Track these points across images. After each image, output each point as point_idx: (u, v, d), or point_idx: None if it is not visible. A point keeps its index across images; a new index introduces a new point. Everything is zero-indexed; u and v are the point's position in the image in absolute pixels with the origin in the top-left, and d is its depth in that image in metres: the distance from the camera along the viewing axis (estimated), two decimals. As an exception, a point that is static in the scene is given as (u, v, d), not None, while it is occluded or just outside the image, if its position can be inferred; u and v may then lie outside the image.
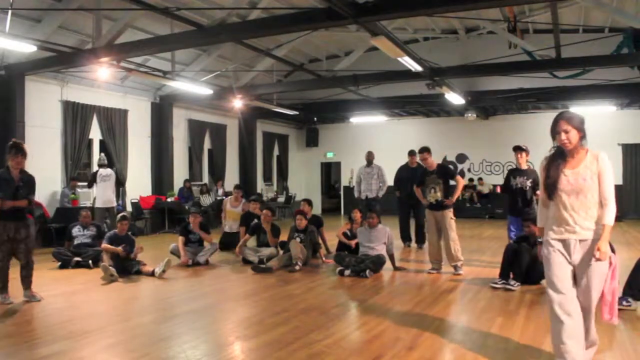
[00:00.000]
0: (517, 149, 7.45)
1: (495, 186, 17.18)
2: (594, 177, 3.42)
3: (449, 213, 7.47)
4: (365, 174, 10.90)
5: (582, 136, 3.48)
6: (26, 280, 5.99)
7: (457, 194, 7.63)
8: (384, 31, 8.20)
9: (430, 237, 7.80)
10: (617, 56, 12.42)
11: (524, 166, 7.47)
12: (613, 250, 3.78)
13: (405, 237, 10.61)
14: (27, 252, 5.96)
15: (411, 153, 10.48)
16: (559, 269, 3.50)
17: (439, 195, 7.48)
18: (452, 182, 7.71)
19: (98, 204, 10.76)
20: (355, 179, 11.24)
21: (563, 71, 13.50)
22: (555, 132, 3.50)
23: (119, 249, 7.68)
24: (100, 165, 10.99)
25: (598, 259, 3.35)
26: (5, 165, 5.93)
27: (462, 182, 7.69)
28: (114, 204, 10.97)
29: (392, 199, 11.08)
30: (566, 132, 3.44)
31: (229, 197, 11.04)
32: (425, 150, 7.73)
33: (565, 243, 3.50)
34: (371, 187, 10.76)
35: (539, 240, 3.76)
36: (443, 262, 7.61)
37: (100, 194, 10.72)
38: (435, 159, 7.85)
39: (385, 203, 11.05)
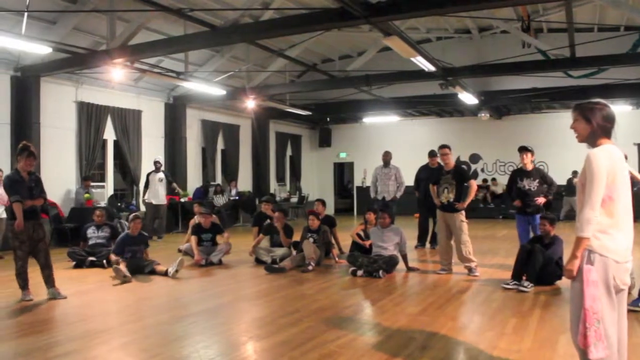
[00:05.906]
0: (523, 150, 7.44)
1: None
2: None
3: (460, 216, 7.36)
4: (382, 174, 10.56)
5: (596, 128, 2.84)
6: (50, 279, 6.11)
7: (470, 198, 7.44)
8: (396, 31, 8.19)
9: (440, 238, 7.74)
10: (632, 55, 12.32)
11: (529, 167, 7.46)
12: None
13: (421, 239, 10.33)
14: (46, 252, 6.09)
15: (431, 154, 10.17)
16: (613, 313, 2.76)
17: (451, 196, 7.39)
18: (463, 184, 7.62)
19: (150, 200, 12.05)
20: (372, 178, 10.89)
21: (577, 70, 13.42)
22: None
23: (120, 260, 7.58)
24: (157, 170, 12.25)
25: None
26: (15, 168, 6.03)
27: (475, 186, 7.57)
28: (164, 202, 12.34)
29: (411, 200, 10.90)
30: (574, 120, 2.95)
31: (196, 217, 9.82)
32: (445, 146, 7.65)
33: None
34: (388, 189, 10.44)
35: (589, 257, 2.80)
36: (454, 263, 7.58)
37: (154, 193, 12.04)
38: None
39: (404, 204, 10.93)
